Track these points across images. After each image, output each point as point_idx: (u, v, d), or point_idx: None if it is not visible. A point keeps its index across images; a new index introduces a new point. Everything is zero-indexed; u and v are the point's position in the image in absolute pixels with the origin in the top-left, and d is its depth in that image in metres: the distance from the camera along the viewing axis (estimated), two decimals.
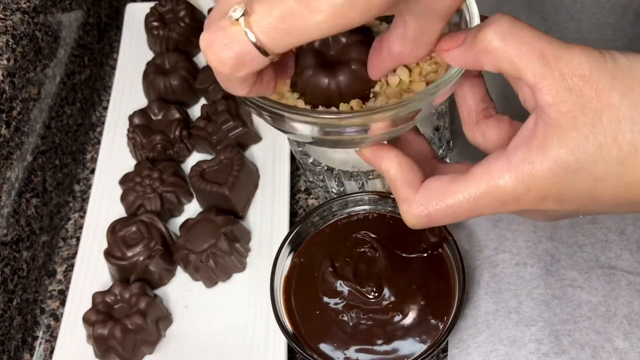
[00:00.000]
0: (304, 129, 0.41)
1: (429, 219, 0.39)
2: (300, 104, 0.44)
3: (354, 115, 0.39)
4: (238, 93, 0.38)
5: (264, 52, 0.34)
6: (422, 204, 0.39)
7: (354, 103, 0.43)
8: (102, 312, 0.57)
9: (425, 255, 0.55)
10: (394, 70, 0.43)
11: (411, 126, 0.43)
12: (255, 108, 0.41)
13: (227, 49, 0.34)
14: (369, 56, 0.42)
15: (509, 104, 0.43)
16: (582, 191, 0.36)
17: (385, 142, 0.43)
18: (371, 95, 0.43)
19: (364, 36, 0.44)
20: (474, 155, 0.64)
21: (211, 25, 0.35)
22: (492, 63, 0.37)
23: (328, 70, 0.43)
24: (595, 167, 0.35)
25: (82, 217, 0.68)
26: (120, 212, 0.65)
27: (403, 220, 0.40)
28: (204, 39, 0.35)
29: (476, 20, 0.41)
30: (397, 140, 0.44)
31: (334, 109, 0.42)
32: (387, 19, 0.46)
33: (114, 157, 0.69)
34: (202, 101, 0.72)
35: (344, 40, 0.44)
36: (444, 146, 0.60)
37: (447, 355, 0.54)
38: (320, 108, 0.43)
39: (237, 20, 0.33)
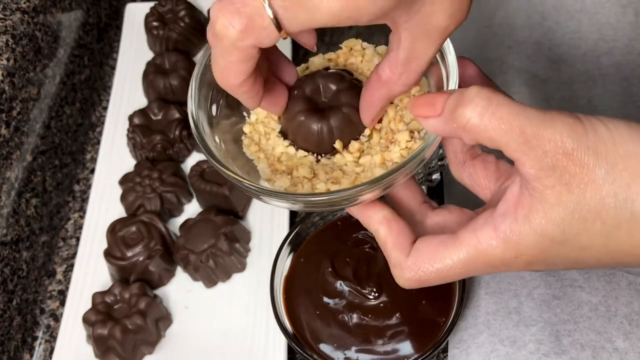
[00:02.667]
0: (296, 207, 0.43)
1: (420, 282, 0.41)
2: (291, 150, 0.44)
3: (342, 197, 0.40)
4: (230, 79, 0.38)
5: (277, 26, 0.34)
6: (413, 270, 0.40)
7: (339, 146, 0.43)
8: (102, 313, 0.57)
9: None
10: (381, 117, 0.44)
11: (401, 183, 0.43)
12: (245, 188, 0.41)
13: (240, 13, 0.34)
14: (362, 94, 0.42)
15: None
16: (568, 258, 0.37)
17: None
18: (364, 139, 0.44)
19: (352, 84, 0.44)
20: None
21: None
22: (471, 139, 0.37)
23: (319, 114, 0.43)
24: (580, 239, 0.36)
25: (82, 217, 0.68)
26: (120, 212, 0.65)
27: (396, 281, 0.42)
28: (217, 4, 0.35)
29: (454, 74, 0.42)
30: None
31: (320, 190, 0.42)
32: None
33: (113, 157, 0.69)
34: None
35: (334, 87, 0.44)
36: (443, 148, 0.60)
37: (447, 355, 0.54)
38: (305, 189, 0.43)
39: None
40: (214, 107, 0.46)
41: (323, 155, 0.44)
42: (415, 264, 0.40)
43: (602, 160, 0.35)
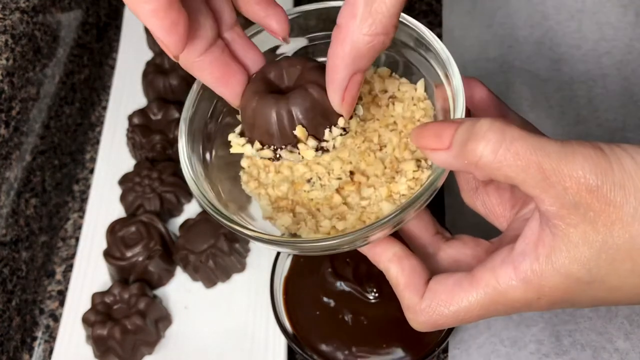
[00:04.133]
0: (299, 252, 0.39)
1: (436, 326, 0.38)
2: (248, 149, 0.39)
3: (349, 240, 0.36)
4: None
5: None
6: (428, 313, 0.38)
7: (301, 134, 0.37)
8: (101, 313, 0.57)
9: None
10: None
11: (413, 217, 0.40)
12: (239, 233, 0.38)
13: None
14: (327, 61, 0.36)
15: None
16: (595, 298, 0.35)
17: None
18: (337, 132, 0.38)
19: (321, 64, 0.38)
20: None
21: None
22: (484, 176, 0.34)
23: (277, 97, 0.37)
24: (609, 279, 0.34)
25: (81, 217, 0.68)
26: (119, 212, 0.65)
27: (410, 324, 0.39)
28: None
29: (460, 100, 0.38)
30: None
31: (323, 232, 0.39)
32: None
33: (113, 157, 0.69)
34: None
35: (298, 67, 0.38)
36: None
37: (447, 355, 0.54)
38: (307, 234, 0.39)
39: None
40: (207, 150, 0.42)
41: (284, 147, 0.37)
42: (430, 307, 0.37)
43: (630, 197, 0.32)
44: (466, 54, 0.70)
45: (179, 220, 0.64)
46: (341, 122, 0.38)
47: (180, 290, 0.61)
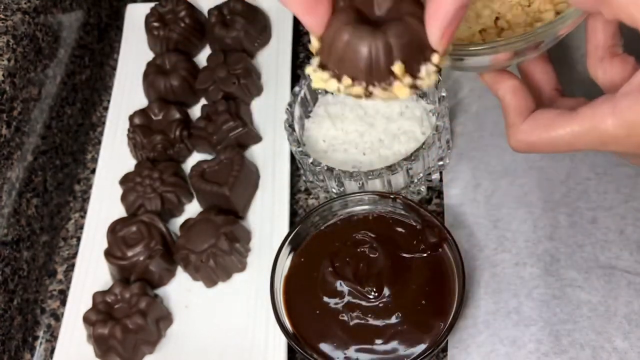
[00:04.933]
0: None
1: (530, 147, 0.42)
2: (333, 85, 0.36)
3: (468, 52, 0.40)
4: None
5: None
6: (527, 132, 0.41)
7: (399, 71, 0.35)
8: (102, 312, 0.57)
9: (425, 255, 0.55)
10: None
11: (534, 55, 0.44)
12: None
13: None
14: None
15: None
16: None
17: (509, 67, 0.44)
18: (432, 69, 0.35)
19: None
20: (473, 156, 0.64)
21: None
22: (610, 13, 0.37)
23: (371, 28, 0.34)
24: None
25: (83, 217, 0.68)
26: (120, 212, 0.65)
27: (508, 143, 0.43)
28: None
29: None
30: (524, 64, 0.46)
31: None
32: None
33: (114, 157, 0.70)
34: (203, 101, 0.72)
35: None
36: (444, 146, 0.60)
37: (447, 355, 0.54)
38: None
39: None
40: None
41: (376, 84, 0.35)
42: (529, 128, 0.41)
43: None
44: None
45: (179, 220, 0.65)
46: (435, 58, 0.35)
47: (180, 290, 0.61)
